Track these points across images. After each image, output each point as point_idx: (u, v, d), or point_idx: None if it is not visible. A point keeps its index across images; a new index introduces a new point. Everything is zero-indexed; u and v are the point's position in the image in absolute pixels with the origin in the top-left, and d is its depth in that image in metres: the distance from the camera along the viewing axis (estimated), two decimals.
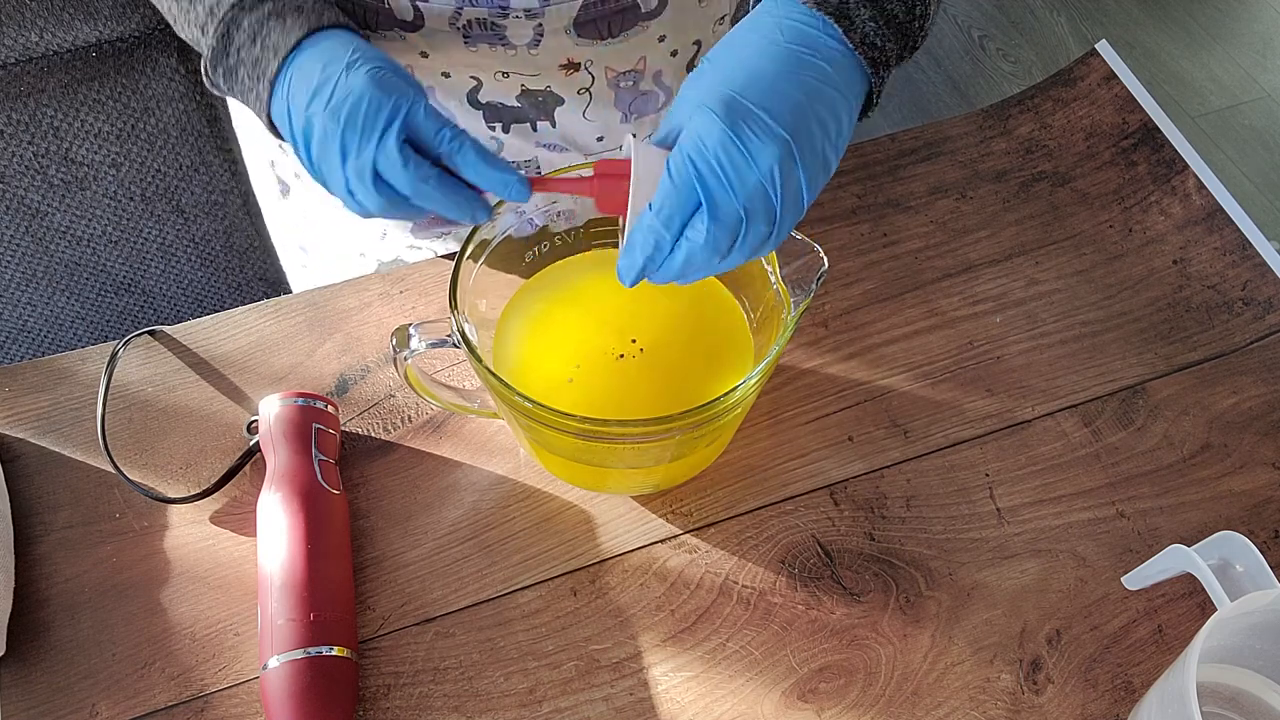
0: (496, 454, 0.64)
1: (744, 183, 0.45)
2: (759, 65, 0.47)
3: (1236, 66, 2.05)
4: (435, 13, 0.62)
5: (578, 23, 0.63)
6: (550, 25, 0.62)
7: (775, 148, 0.45)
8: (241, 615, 0.58)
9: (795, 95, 0.46)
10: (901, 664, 0.57)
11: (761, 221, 0.46)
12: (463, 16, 0.62)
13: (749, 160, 0.45)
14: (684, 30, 0.67)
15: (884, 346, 0.69)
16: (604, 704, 0.56)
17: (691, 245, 0.46)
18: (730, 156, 0.45)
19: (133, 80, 1.07)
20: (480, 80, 0.66)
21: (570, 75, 0.66)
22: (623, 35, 0.65)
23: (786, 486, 0.63)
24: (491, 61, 0.65)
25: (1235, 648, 0.54)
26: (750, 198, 0.45)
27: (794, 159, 0.45)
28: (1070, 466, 0.64)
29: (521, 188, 0.50)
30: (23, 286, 1.19)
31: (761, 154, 0.45)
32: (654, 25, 0.65)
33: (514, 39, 0.63)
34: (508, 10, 0.61)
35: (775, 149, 0.45)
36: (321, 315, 0.69)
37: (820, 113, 0.47)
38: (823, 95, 0.47)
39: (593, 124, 0.70)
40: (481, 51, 0.64)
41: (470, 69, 0.65)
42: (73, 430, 0.64)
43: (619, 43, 0.65)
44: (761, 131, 0.45)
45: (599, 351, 0.59)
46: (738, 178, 0.45)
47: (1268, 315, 0.71)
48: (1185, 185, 0.76)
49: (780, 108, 0.46)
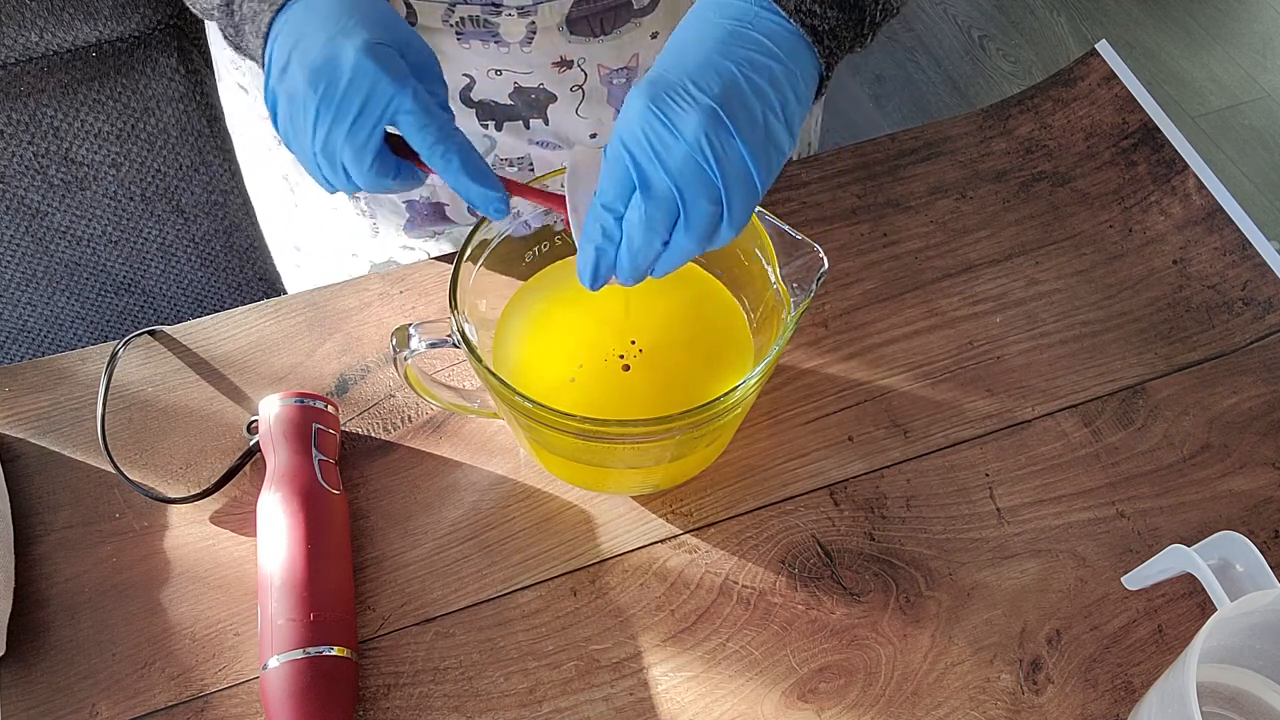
0: (496, 454, 0.64)
1: (671, 155, 0.44)
2: (690, 44, 0.46)
3: (1236, 66, 2.05)
4: (428, 10, 0.62)
5: (570, 20, 0.63)
6: (543, 22, 0.63)
7: (699, 115, 0.44)
8: (241, 615, 0.58)
9: (724, 65, 0.45)
10: (901, 664, 0.57)
11: (702, 198, 0.44)
12: (456, 14, 0.62)
13: (673, 131, 0.44)
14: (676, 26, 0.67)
15: (884, 346, 0.69)
16: (604, 704, 0.56)
17: (630, 226, 0.45)
18: (654, 129, 0.44)
19: (133, 80, 1.07)
20: (473, 78, 0.66)
21: (563, 72, 0.66)
22: (615, 32, 0.65)
23: (786, 486, 0.63)
24: (484, 59, 0.65)
25: (1235, 648, 0.54)
26: (681, 171, 0.44)
27: (726, 128, 0.44)
28: (1070, 466, 0.64)
29: (500, 206, 0.49)
30: (23, 286, 1.19)
31: (685, 123, 0.43)
32: (646, 22, 0.65)
33: (507, 36, 0.63)
34: (500, 7, 0.61)
35: (699, 116, 0.43)
36: (321, 315, 0.69)
37: (756, 82, 0.45)
38: (758, 65, 0.45)
39: (585, 121, 0.70)
40: (474, 49, 0.64)
41: (463, 67, 0.65)
42: (73, 430, 0.64)
43: (611, 39, 0.65)
44: (684, 101, 0.44)
45: (599, 351, 0.59)
46: (664, 149, 0.44)
47: (1268, 315, 0.71)
48: (1185, 185, 0.76)
49: (707, 78, 0.44)
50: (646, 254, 0.46)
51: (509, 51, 0.64)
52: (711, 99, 0.44)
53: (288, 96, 0.48)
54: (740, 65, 0.45)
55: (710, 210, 0.45)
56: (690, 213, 0.45)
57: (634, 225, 0.45)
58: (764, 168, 0.46)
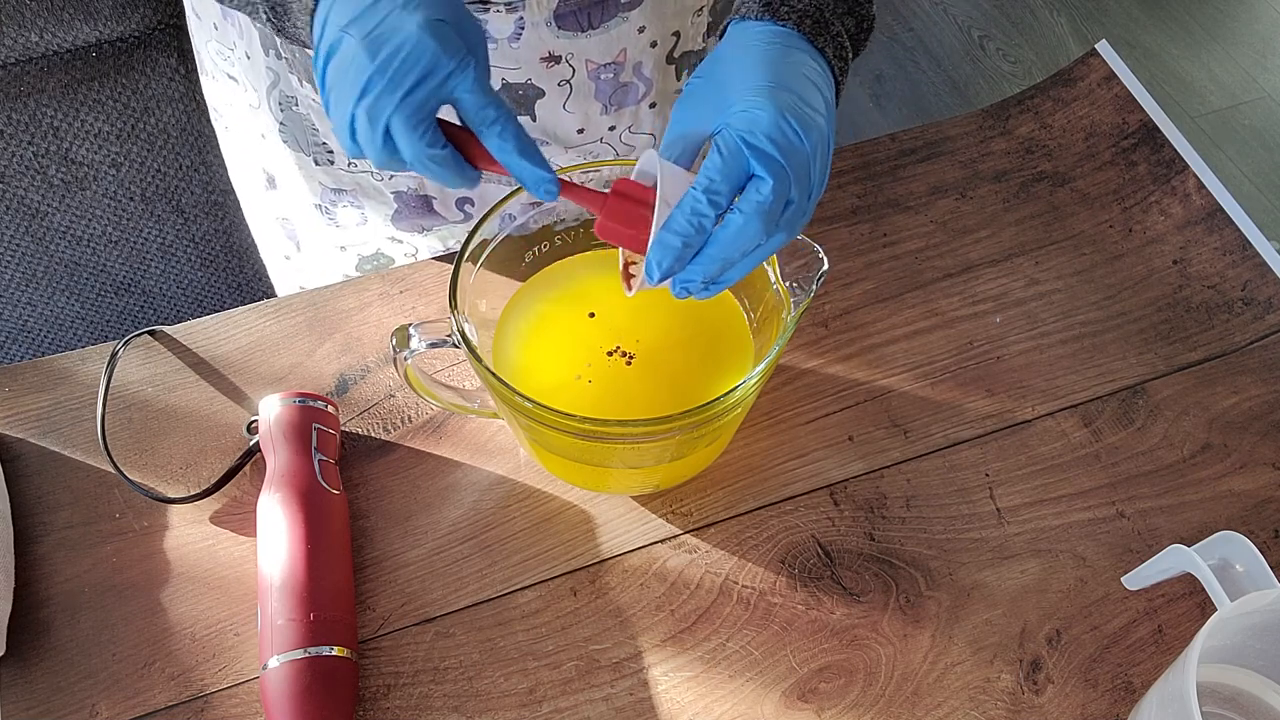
0: (496, 454, 0.64)
1: (796, 154, 0.47)
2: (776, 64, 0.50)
3: (1236, 66, 2.05)
4: None
5: (558, 15, 0.63)
6: (531, 18, 0.63)
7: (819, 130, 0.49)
8: (241, 615, 0.58)
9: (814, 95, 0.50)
10: (901, 664, 0.57)
11: (804, 196, 0.49)
12: None
13: (800, 136, 0.48)
14: (663, 21, 0.67)
15: (884, 346, 0.69)
16: (604, 704, 0.56)
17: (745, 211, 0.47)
18: (784, 132, 0.47)
19: (133, 80, 1.07)
20: None
21: (551, 68, 0.66)
22: (603, 26, 0.65)
23: (786, 486, 0.63)
24: None
25: (1235, 648, 0.54)
26: (799, 169, 0.48)
27: (828, 143, 0.50)
28: (1070, 466, 0.64)
29: (551, 188, 0.49)
30: (23, 286, 1.19)
31: (809, 132, 0.48)
32: (634, 16, 0.66)
33: (495, 32, 0.63)
34: (489, 4, 0.61)
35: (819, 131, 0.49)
36: (321, 315, 0.69)
37: (828, 107, 0.51)
38: (826, 95, 0.51)
39: (572, 116, 0.70)
40: None
41: None
42: (73, 430, 0.64)
43: (599, 34, 0.65)
44: (808, 113, 0.48)
45: (599, 351, 0.59)
46: (790, 149, 0.47)
47: (1268, 315, 0.71)
48: (1185, 185, 0.76)
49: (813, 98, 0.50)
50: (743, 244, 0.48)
51: (497, 47, 0.64)
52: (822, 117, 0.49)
53: (339, 60, 0.48)
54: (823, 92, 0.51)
55: (802, 209, 0.49)
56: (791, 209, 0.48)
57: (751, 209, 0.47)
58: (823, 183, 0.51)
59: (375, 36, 0.46)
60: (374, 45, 0.46)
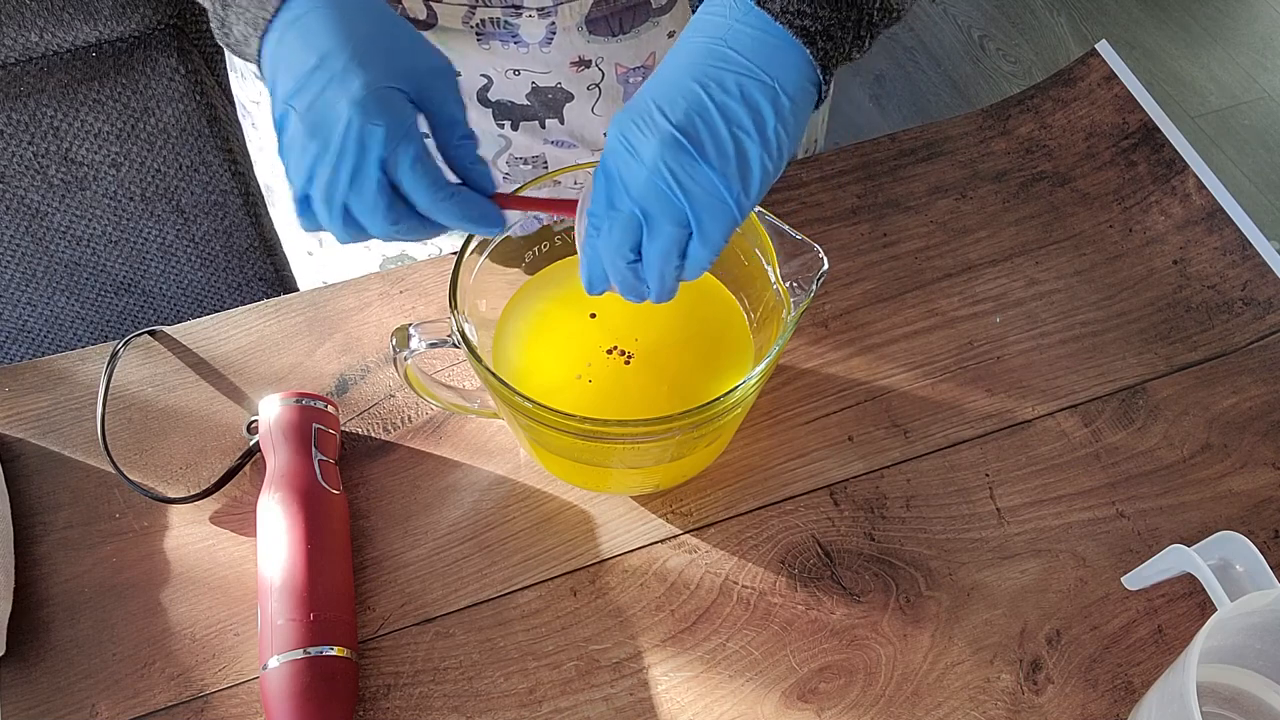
0: (496, 454, 0.64)
1: (634, 178, 0.45)
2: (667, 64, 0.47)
3: (1236, 66, 2.05)
4: (448, 12, 0.62)
5: (589, 20, 0.63)
6: (562, 23, 0.63)
7: (658, 141, 0.44)
8: (241, 615, 0.58)
9: (691, 88, 0.45)
10: (901, 664, 0.57)
11: (665, 220, 0.45)
12: (476, 15, 0.62)
13: (634, 156, 0.45)
14: None
15: (884, 346, 0.69)
16: (604, 704, 0.56)
17: (591, 242, 0.47)
18: (618, 155, 0.45)
19: (133, 80, 1.07)
20: (490, 78, 0.66)
21: (580, 72, 0.67)
22: (633, 31, 0.65)
23: (786, 486, 0.63)
24: (503, 60, 0.65)
25: (1235, 648, 0.54)
26: (643, 195, 0.45)
27: (688, 153, 0.44)
28: (1070, 466, 0.64)
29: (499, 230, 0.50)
30: (23, 286, 1.19)
31: (645, 149, 0.44)
32: (664, 20, 0.66)
33: (526, 37, 0.63)
34: (521, 9, 0.62)
35: (658, 143, 0.44)
36: (321, 315, 0.69)
37: (725, 102, 0.45)
38: (726, 84, 0.45)
39: (601, 119, 0.70)
40: (494, 49, 0.64)
41: (481, 67, 0.65)
42: (73, 430, 0.64)
43: (630, 39, 0.66)
44: (646, 127, 0.44)
45: (599, 351, 0.59)
46: (628, 174, 0.45)
47: (1268, 315, 0.71)
48: (1185, 185, 0.76)
49: (672, 102, 0.45)
50: (616, 269, 0.47)
51: (528, 52, 0.64)
52: (673, 125, 0.44)
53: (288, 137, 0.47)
54: (708, 86, 0.45)
55: (674, 232, 0.45)
56: (654, 233, 0.46)
57: (596, 241, 0.47)
58: (741, 187, 0.45)
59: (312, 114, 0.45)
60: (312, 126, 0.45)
